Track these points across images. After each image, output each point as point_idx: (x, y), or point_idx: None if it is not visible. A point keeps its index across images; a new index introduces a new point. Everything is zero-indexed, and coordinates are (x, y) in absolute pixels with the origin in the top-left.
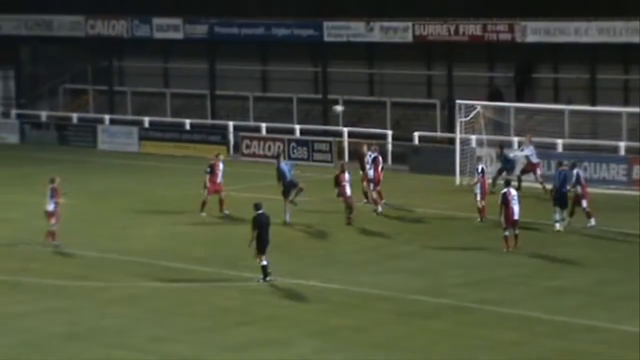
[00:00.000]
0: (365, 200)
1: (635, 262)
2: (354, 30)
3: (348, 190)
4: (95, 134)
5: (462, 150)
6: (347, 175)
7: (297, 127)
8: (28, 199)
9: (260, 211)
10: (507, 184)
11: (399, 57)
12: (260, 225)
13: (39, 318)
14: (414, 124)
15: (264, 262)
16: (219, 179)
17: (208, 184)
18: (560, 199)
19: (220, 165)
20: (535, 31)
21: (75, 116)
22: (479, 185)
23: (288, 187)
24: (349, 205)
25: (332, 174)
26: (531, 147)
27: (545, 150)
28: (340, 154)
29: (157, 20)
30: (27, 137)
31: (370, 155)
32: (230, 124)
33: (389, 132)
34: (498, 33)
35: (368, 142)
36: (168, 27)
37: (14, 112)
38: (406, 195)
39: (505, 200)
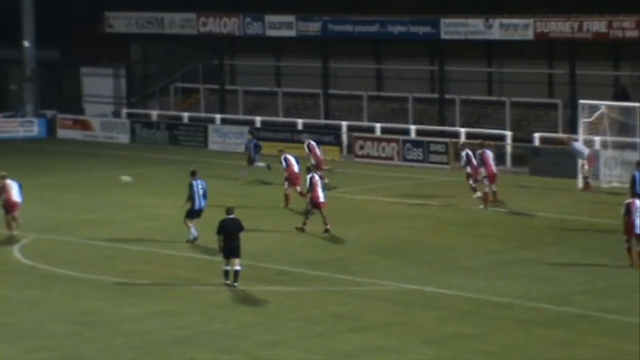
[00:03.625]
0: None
1: None
2: (472, 27)
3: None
4: (206, 134)
5: None
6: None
7: (413, 127)
8: (137, 199)
9: (230, 216)
10: (633, 194)
11: (519, 55)
12: (225, 230)
13: (148, 321)
14: (534, 125)
15: (237, 267)
16: (297, 170)
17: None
18: None
19: (292, 160)
20: None
21: (186, 115)
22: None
23: None
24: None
25: (448, 177)
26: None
27: None
28: (457, 156)
29: (269, 18)
30: (138, 136)
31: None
32: (344, 124)
33: (508, 133)
34: (624, 30)
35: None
36: (280, 25)
37: (124, 111)
38: (526, 198)
39: (628, 212)
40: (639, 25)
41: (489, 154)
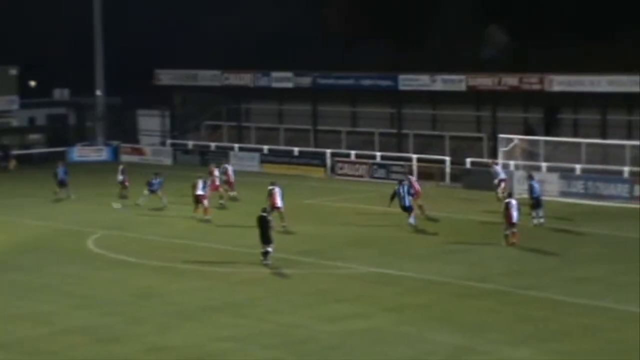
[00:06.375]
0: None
1: (635, 257)
2: (422, 81)
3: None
4: (228, 158)
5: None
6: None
7: (378, 153)
8: (177, 206)
9: (263, 214)
10: (510, 195)
11: (455, 102)
12: (260, 224)
13: (187, 294)
14: (466, 152)
15: (268, 249)
16: (217, 183)
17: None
18: (535, 203)
19: (216, 172)
20: (560, 83)
21: (213, 145)
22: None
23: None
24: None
25: None
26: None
27: (566, 173)
28: (411, 174)
29: (274, 74)
30: (178, 160)
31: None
32: (328, 151)
33: (447, 158)
34: (531, 84)
35: None
36: (282, 79)
37: (168, 141)
38: (459, 204)
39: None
40: (541, 81)
41: (413, 179)
